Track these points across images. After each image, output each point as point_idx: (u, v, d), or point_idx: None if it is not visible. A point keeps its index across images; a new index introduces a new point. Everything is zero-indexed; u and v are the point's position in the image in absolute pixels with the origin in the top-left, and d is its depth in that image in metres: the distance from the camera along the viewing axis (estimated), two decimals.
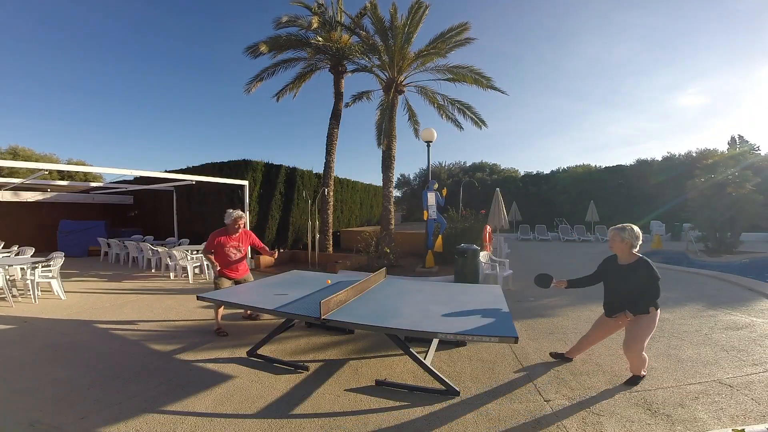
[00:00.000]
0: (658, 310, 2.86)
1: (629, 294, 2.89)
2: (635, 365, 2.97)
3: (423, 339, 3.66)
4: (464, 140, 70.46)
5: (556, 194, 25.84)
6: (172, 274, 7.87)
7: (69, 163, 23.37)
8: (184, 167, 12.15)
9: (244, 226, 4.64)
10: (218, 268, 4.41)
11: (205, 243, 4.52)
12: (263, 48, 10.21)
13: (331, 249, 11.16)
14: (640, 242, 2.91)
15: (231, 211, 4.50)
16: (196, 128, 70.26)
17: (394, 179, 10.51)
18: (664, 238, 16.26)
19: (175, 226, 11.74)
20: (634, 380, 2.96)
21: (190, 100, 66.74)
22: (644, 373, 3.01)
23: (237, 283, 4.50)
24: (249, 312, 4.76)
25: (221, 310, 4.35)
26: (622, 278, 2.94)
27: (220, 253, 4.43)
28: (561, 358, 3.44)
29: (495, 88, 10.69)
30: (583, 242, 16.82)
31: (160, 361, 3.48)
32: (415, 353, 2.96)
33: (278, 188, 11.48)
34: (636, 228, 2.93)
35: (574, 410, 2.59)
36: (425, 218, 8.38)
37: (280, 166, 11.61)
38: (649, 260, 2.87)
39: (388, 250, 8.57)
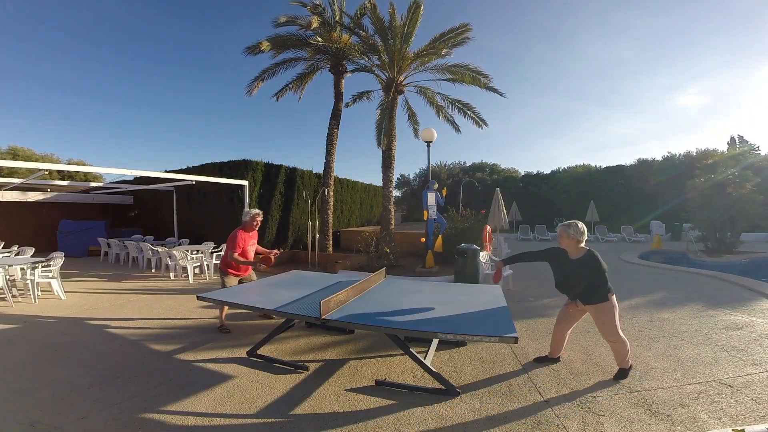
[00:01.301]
0: (614, 295, 3.03)
1: (580, 285, 3.02)
2: (619, 352, 3.05)
3: (423, 339, 3.66)
4: (464, 140, 70.35)
5: (556, 194, 25.81)
6: (172, 274, 7.87)
7: (69, 163, 23.37)
8: (184, 167, 12.16)
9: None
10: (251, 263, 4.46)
11: (227, 246, 4.41)
12: (265, 46, 10.19)
13: (331, 249, 11.16)
14: (586, 237, 3.07)
15: (249, 209, 4.65)
16: (196, 128, 70.33)
17: (394, 179, 10.51)
18: (664, 238, 16.27)
19: (175, 226, 11.74)
20: (622, 373, 3.03)
21: (190, 100, 66.80)
22: (630, 364, 3.08)
23: (241, 281, 4.55)
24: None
25: (226, 309, 4.37)
26: (572, 271, 3.07)
27: (241, 253, 4.45)
28: (546, 360, 3.43)
29: (493, 89, 10.71)
30: None
31: (160, 361, 3.48)
32: (415, 353, 2.96)
33: (278, 188, 11.49)
34: (581, 224, 3.08)
35: (574, 410, 2.59)
36: (425, 218, 8.38)
37: (280, 166, 11.61)
38: (596, 253, 3.02)
39: (388, 250, 8.57)
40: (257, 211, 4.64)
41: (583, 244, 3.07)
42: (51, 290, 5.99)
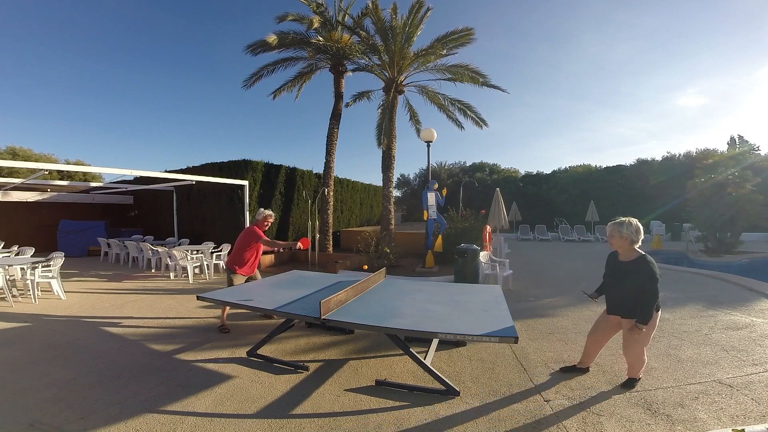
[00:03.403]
0: (659, 312, 2.75)
1: (628, 294, 2.75)
2: (634, 367, 2.92)
3: (423, 339, 3.66)
4: (464, 140, 70.53)
5: (556, 194, 25.79)
6: (172, 274, 7.87)
7: (68, 163, 23.36)
8: (184, 167, 12.16)
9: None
10: (279, 248, 4.55)
11: (258, 238, 4.50)
12: (272, 39, 10.20)
13: (331, 249, 11.17)
14: (642, 237, 2.74)
15: (262, 209, 4.77)
16: (196, 128, 70.43)
17: (394, 179, 10.53)
18: (664, 238, 16.26)
19: (175, 226, 11.75)
20: (630, 383, 2.91)
21: (190, 100, 66.91)
22: (641, 376, 2.95)
23: (248, 279, 4.60)
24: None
25: (228, 309, 4.39)
26: (622, 276, 2.80)
27: (252, 249, 4.53)
28: (574, 371, 3.17)
29: (491, 85, 10.71)
30: (583, 242, 16.83)
31: (160, 361, 3.48)
32: (415, 353, 2.96)
33: (278, 188, 11.49)
34: (635, 221, 2.75)
35: (574, 410, 2.59)
36: (425, 218, 8.38)
37: (280, 166, 11.61)
38: (651, 259, 2.70)
39: (388, 250, 8.57)
40: (270, 212, 4.76)
41: (638, 246, 2.75)
42: (51, 290, 5.99)
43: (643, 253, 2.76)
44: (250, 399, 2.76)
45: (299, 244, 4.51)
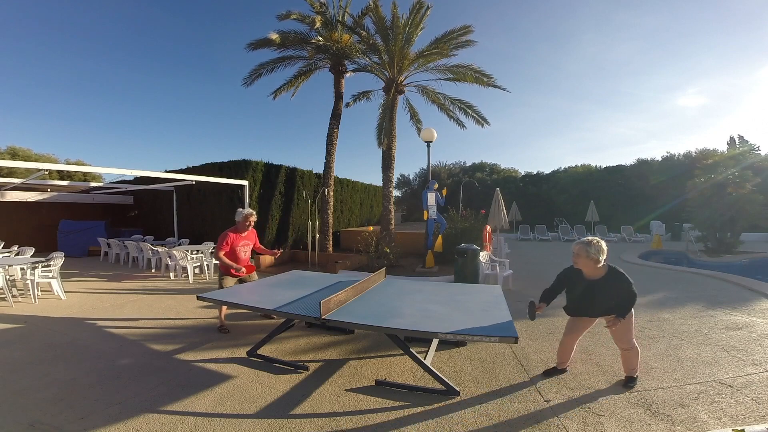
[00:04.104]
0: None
1: (609, 303, 2.83)
2: (630, 360, 2.94)
3: (423, 339, 3.66)
4: (464, 140, 70.50)
5: (556, 194, 25.77)
6: (172, 274, 7.87)
7: (67, 163, 23.33)
8: (184, 167, 12.17)
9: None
10: (234, 266, 4.38)
11: (216, 245, 4.41)
12: (275, 37, 10.22)
13: (331, 249, 11.16)
14: (605, 256, 2.78)
15: (242, 209, 4.57)
16: (196, 128, 70.49)
17: (394, 179, 10.52)
18: (664, 238, 16.27)
19: (175, 226, 11.75)
20: (630, 382, 2.93)
21: (190, 100, 66.96)
22: (638, 374, 2.99)
23: (241, 281, 4.52)
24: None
25: (225, 309, 4.36)
26: (597, 293, 2.84)
27: (230, 253, 4.43)
28: (556, 372, 3.19)
29: (496, 86, 10.70)
30: None
31: (160, 361, 3.48)
32: (415, 353, 2.96)
33: (278, 188, 11.48)
34: (602, 242, 2.79)
35: (574, 410, 2.59)
36: (425, 218, 8.38)
37: (280, 166, 11.61)
38: (618, 268, 2.81)
39: (388, 250, 8.57)
40: (249, 210, 4.59)
41: (600, 265, 2.80)
42: (51, 290, 5.99)
43: (610, 265, 2.84)
44: (250, 399, 2.76)
45: (243, 269, 4.44)
